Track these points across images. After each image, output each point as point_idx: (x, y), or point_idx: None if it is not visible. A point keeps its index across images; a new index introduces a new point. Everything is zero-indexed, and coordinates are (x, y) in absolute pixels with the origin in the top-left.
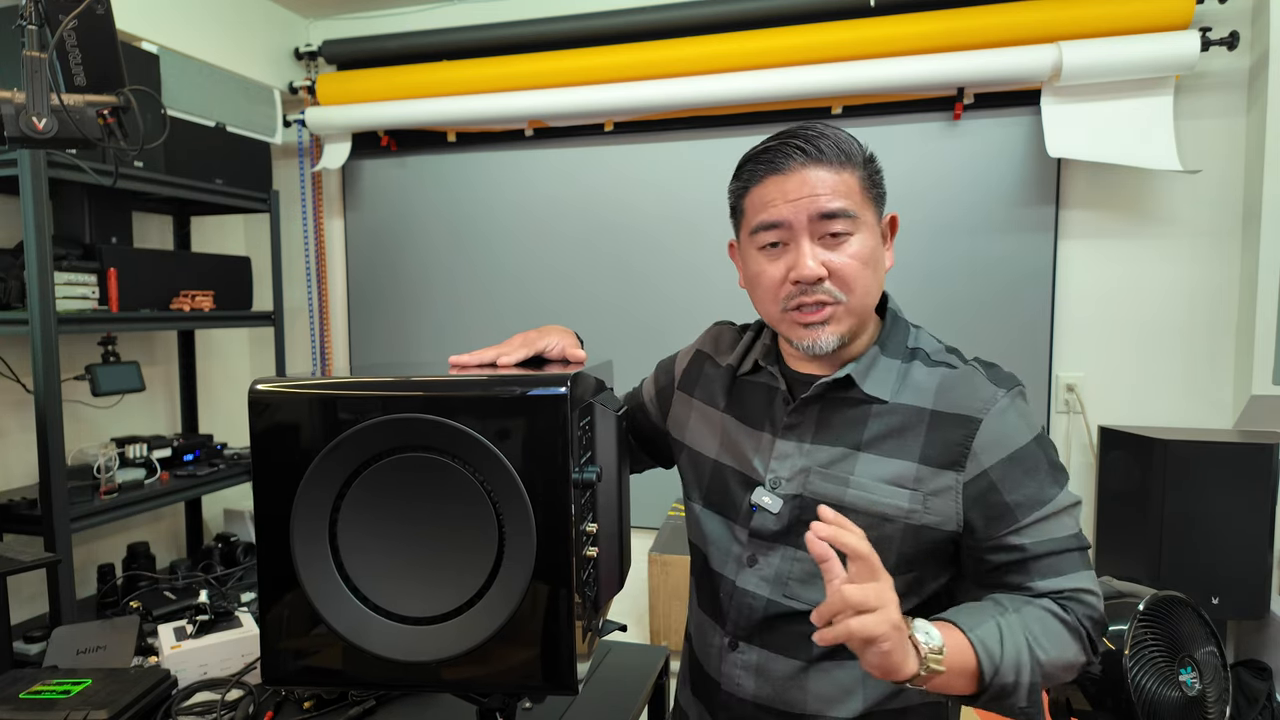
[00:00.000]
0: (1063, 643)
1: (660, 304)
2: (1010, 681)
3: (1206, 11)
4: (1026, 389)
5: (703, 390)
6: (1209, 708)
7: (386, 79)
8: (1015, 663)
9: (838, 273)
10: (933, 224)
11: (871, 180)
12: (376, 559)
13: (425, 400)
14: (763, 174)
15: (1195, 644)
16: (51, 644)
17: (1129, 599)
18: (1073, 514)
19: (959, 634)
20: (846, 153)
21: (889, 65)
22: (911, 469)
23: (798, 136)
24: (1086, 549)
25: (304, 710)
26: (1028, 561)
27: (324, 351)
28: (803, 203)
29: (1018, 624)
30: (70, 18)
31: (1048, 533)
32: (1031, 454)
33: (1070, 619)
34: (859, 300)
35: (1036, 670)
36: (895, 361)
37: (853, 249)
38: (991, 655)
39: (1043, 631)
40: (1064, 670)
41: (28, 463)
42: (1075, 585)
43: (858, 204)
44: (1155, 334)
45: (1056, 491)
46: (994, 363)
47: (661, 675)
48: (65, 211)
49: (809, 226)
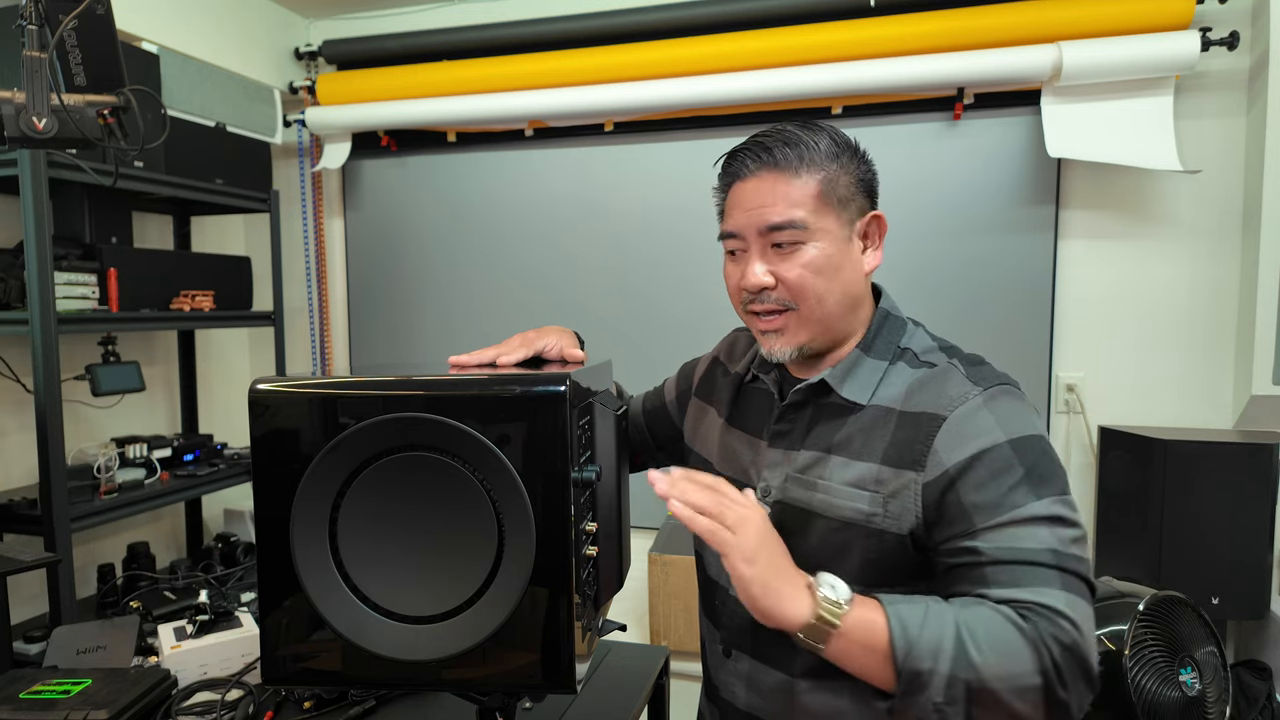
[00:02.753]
0: (1010, 652)
1: (660, 304)
2: (926, 669)
3: (1206, 11)
4: (1020, 389)
5: (714, 399)
6: (1209, 708)
7: (386, 79)
8: (935, 648)
9: (785, 282)
10: (932, 224)
11: (838, 182)
12: (376, 558)
13: (425, 400)
14: (727, 181)
15: (1195, 644)
16: (51, 644)
17: (1129, 599)
18: (1053, 529)
19: (876, 605)
20: (803, 157)
21: (889, 65)
22: (874, 470)
23: (760, 140)
24: (1071, 572)
25: (304, 710)
26: (982, 567)
27: (324, 351)
28: (752, 214)
29: (949, 613)
30: (70, 18)
31: (1011, 540)
32: (1002, 456)
33: (1029, 629)
34: (812, 308)
35: (964, 667)
36: (881, 363)
37: (804, 258)
38: (907, 631)
39: (984, 632)
40: (1010, 690)
41: (28, 463)
42: (1040, 600)
43: (810, 211)
44: (1155, 334)
45: (1030, 500)
46: (984, 361)
47: (661, 675)
48: (65, 211)
49: (757, 239)
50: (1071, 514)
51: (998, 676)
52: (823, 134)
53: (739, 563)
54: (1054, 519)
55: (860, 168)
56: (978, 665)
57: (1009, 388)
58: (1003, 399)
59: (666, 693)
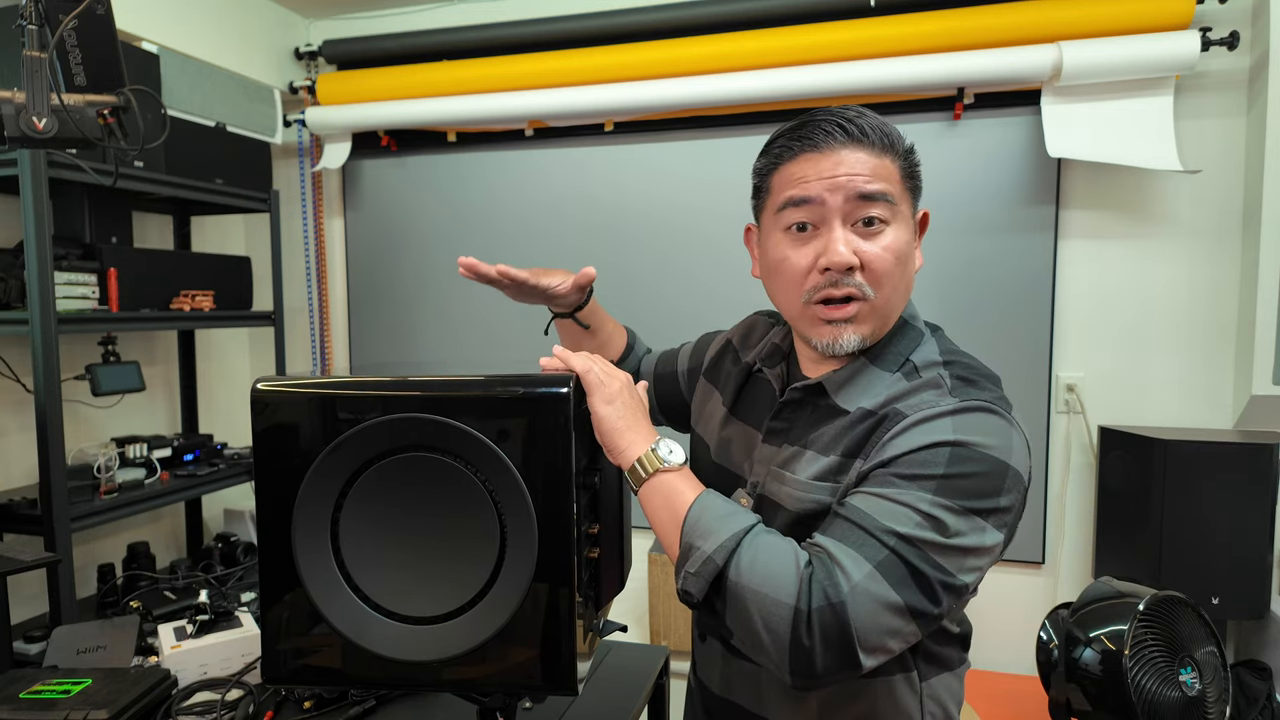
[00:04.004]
0: (774, 572)
1: (660, 303)
2: (697, 545)
3: (1206, 11)
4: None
5: (721, 384)
6: (1209, 708)
7: (386, 79)
8: (713, 533)
9: (870, 265)
10: (933, 224)
11: (910, 171)
12: (378, 558)
13: (427, 400)
14: (797, 150)
15: (1195, 644)
16: (51, 644)
17: (1129, 599)
18: (919, 524)
19: (699, 486)
20: (889, 138)
21: (889, 65)
22: (835, 462)
23: (838, 115)
24: (903, 560)
25: (304, 710)
26: (833, 518)
27: (324, 351)
28: (839, 181)
29: (749, 521)
30: (70, 18)
31: (870, 507)
32: (930, 457)
33: (804, 569)
34: (886, 299)
35: (725, 557)
36: (884, 374)
37: (888, 240)
38: (703, 514)
39: (765, 545)
40: (757, 603)
41: (28, 463)
42: (836, 555)
43: (897, 192)
44: (1155, 334)
45: (918, 496)
46: (982, 382)
47: (661, 675)
48: (65, 211)
49: (843, 208)
50: (959, 525)
51: (751, 586)
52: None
53: (599, 403)
54: (928, 516)
55: (918, 164)
56: (741, 566)
57: (989, 408)
58: (976, 415)
59: (666, 693)
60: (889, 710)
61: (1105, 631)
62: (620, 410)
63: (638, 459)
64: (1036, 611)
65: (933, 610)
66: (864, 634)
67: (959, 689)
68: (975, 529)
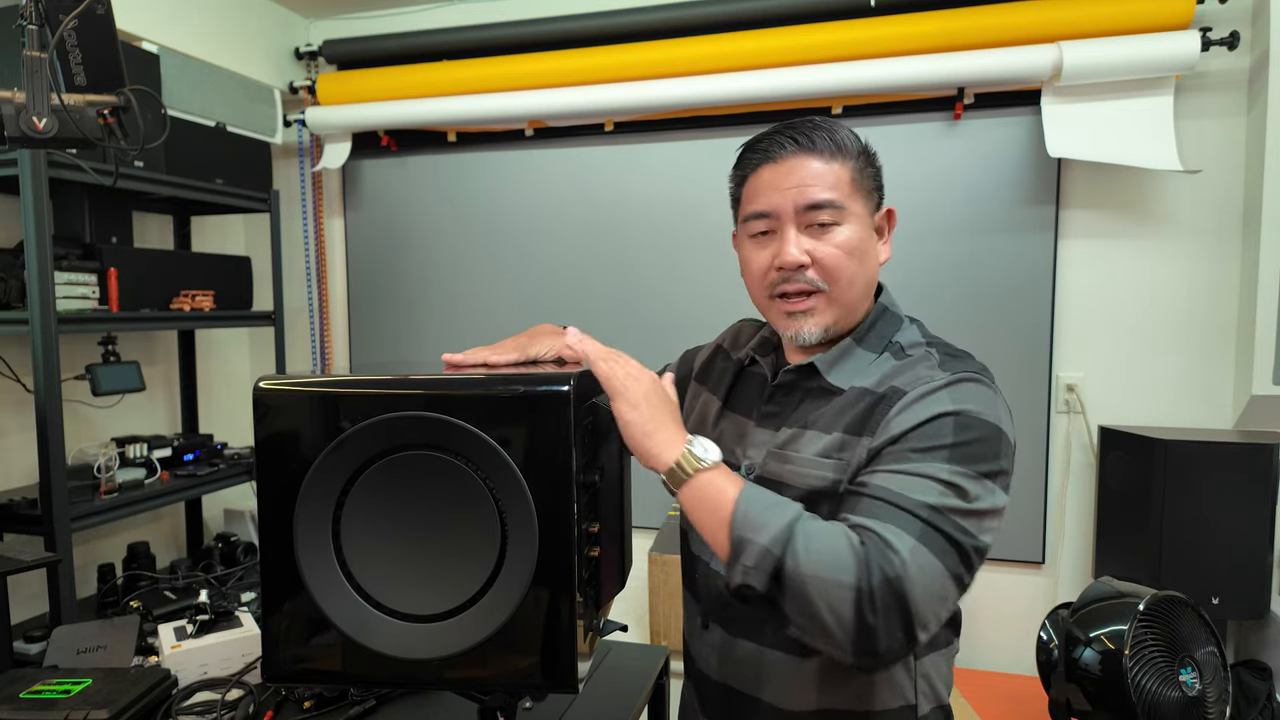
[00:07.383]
0: (833, 558)
1: (660, 303)
2: (750, 538)
3: (1206, 11)
4: (992, 382)
5: (712, 383)
6: (1209, 708)
7: (386, 79)
8: (764, 525)
9: (821, 261)
10: (933, 224)
11: (864, 173)
12: (379, 556)
13: (428, 399)
14: (757, 163)
15: (1195, 644)
16: (52, 644)
17: (1129, 599)
18: (943, 493)
19: (738, 480)
20: (839, 145)
21: (889, 65)
22: (838, 439)
23: (793, 128)
24: (938, 530)
25: (304, 710)
26: (860, 497)
27: (324, 351)
28: (790, 193)
29: (795, 511)
30: (70, 18)
31: (896, 484)
32: (937, 428)
33: (859, 549)
34: (842, 290)
35: (782, 547)
36: (870, 354)
37: (838, 239)
38: (750, 507)
39: (818, 532)
40: (820, 588)
41: (28, 463)
42: (882, 533)
43: (846, 195)
44: (1155, 334)
45: (937, 466)
46: (965, 355)
47: (661, 675)
48: (65, 211)
49: (795, 216)
50: (976, 489)
51: (812, 573)
52: (846, 129)
53: (625, 408)
54: (949, 484)
55: (876, 164)
56: (799, 553)
57: (978, 378)
58: (968, 385)
59: (667, 693)
60: (884, 689)
61: (1105, 631)
62: (648, 414)
63: (675, 462)
64: (1036, 611)
65: (967, 575)
66: (920, 606)
67: (947, 671)
68: (988, 491)
